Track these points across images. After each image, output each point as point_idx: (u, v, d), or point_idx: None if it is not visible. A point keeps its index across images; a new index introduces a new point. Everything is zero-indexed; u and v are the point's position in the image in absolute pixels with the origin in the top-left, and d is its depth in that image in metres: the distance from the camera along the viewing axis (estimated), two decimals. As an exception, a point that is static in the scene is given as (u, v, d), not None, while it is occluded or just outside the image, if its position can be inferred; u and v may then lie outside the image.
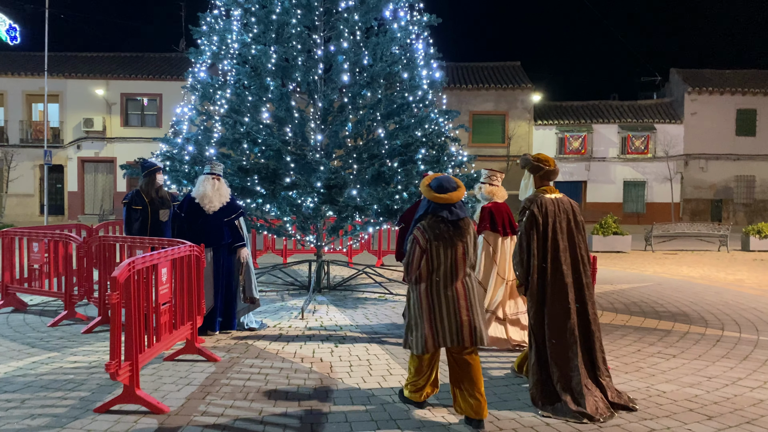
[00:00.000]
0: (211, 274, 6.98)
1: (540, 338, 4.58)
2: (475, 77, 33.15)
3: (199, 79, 8.82)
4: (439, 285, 4.14)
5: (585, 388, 4.40)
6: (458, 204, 4.20)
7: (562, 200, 4.71)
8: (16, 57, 32.11)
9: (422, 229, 4.16)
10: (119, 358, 4.17)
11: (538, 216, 4.58)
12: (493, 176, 6.68)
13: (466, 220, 4.22)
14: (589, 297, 4.62)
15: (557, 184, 27.61)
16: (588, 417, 4.27)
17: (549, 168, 4.77)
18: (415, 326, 4.23)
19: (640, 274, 12.49)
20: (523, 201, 4.73)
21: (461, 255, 4.16)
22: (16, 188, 30.02)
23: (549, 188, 4.77)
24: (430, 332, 4.13)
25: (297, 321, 7.55)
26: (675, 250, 18.04)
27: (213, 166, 7.12)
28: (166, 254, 5.15)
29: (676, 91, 33.26)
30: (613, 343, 6.57)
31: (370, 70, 8.49)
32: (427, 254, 4.14)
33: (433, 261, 4.14)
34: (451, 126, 9.47)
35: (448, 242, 4.12)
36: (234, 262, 7.17)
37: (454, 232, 4.14)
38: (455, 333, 4.10)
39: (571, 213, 4.69)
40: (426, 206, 4.24)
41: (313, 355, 6.01)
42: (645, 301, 9.16)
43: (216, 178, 7.02)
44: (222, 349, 6.18)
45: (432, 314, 4.14)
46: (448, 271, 4.14)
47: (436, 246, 4.12)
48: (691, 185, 32.01)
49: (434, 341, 4.13)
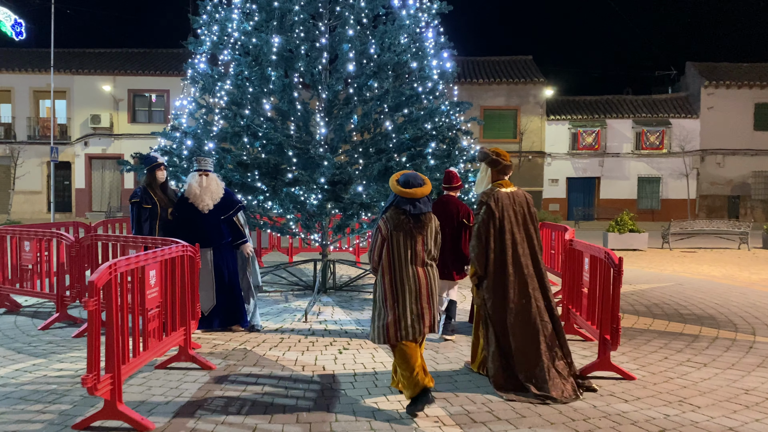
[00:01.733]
0: (212, 274, 6.64)
1: (500, 328, 4.77)
2: (487, 72, 32.61)
3: (199, 71, 8.44)
4: (402, 275, 4.38)
5: (548, 374, 4.64)
6: (423, 199, 4.43)
7: (517, 193, 4.92)
8: (24, 53, 31.93)
9: (385, 219, 4.43)
10: (98, 371, 3.78)
11: (495, 210, 4.79)
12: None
13: (428, 215, 4.47)
14: (547, 285, 4.89)
15: (571, 179, 26.99)
16: (551, 399, 4.51)
17: (506, 163, 5.01)
18: (379, 316, 4.45)
19: (660, 273, 11.99)
20: (480, 195, 4.90)
21: (421, 247, 4.42)
22: (24, 185, 29.85)
23: (505, 182, 4.98)
24: (393, 321, 4.35)
25: (300, 324, 7.16)
26: (693, 248, 17.48)
27: (199, 161, 6.76)
28: (154, 255, 4.76)
29: (692, 85, 32.55)
30: (637, 349, 6.12)
31: (377, 59, 8.05)
32: (388, 243, 4.40)
33: (394, 251, 4.39)
34: (463, 119, 9.03)
35: (408, 234, 4.38)
36: (237, 260, 6.83)
37: (414, 225, 4.39)
38: (417, 322, 4.35)
39: (525, 206, 4.93)
40: (392, 200, 4.49)
41: (315, 362, 5.60)
42: (667, 303, 8.69)
43: (203, 174, 6.66)
44: (218, 356, 5.79)
45: (396, 303, 4.37)
46: (409, 262, 4.39)
47: (396, 236, 4.38)
48: (708, 181, 31.32)
49: (396, 332, 4.34)
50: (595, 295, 5.55)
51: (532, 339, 4.73)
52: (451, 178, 6.71)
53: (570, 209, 31.67)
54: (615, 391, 4.85)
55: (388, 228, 4.39)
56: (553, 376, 4.66)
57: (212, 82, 7.87)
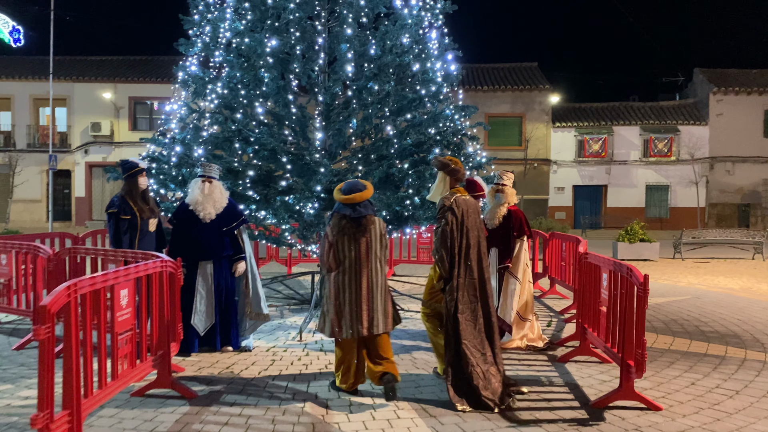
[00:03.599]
0: (213, 290, 6.18)
1: (458, 333, 4.77)
2: (491, 78, 32.16)
3: (189, 73, 7.99)
4: (345, 276, 4.68)
5: (493, 377, 4.73)
6: (363, 203, 4.72)
7: (470, 200, 5.07)
8: (24, 61, 31.65)
9: (330, 225, 4.76)
10: (51, 409, 3.28)
11: (458, 214, 4.88)
12: (505, 176, 6.87)
13: (369, 218, 4.74)
14: (490, 290, 5.00)
15: (578, 187, 26.44)
16: (496, 403, 4.59)
17: (462, 171, 5.18)
18: (327, 312, 4.78)
19: (674, 285, 11.45)
20: (442, 200, 4.99)
21: (365, 250, 4.70)
22: (23, 194, 29.46)
23: (461, 190, 5.10)
24: (336, 319, 4.68)
25: (294, 343, 6.66)
26: (706, 258, 16.92)
27: (204, 167, 6.31)
28: (126, 273, 4.28)
29: (700, 92, 32.01)
30: (659, 373, 5.60)
31: (377, 61, 7.57)
32: (334, 248, 4.71)
33: (340, 254, 4.71)
34: (468, 124, 8.54)
35: (351, 237, 4.69)
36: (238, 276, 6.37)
37: (356, 229, 4.69)
38: (355, 322, 4.64)
39: (477, 213, 5.09)
40: (335, 207, 4.83)
41: (307, 389, 5.10)
42: (686, 319, 8.16)
43: (207, 181, 6.21)
44: (202, 381, 5.29)
45: (338, 303, 4.69)
46: (353, 264, 4.69)
47: (341, 240, 4.69)
48: (717, 189, 30.72)
49: (340, 329, 4.67)
50: (615, 315, 5.04)
51: (484, 343, 4.85)
52: (473, 186, 6.28)
53: (576, 217, 31.10)
54: (641, 424, 4.33)
55: (334, 233, 4.70)
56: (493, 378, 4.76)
57: (202, 85, 7.40)
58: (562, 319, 8.18)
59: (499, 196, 6.77)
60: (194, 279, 6.17)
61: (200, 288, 6.18)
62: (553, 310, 8.78)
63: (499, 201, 6.75)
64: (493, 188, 6.84)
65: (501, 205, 6.74)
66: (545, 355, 6.29)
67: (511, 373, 5.61)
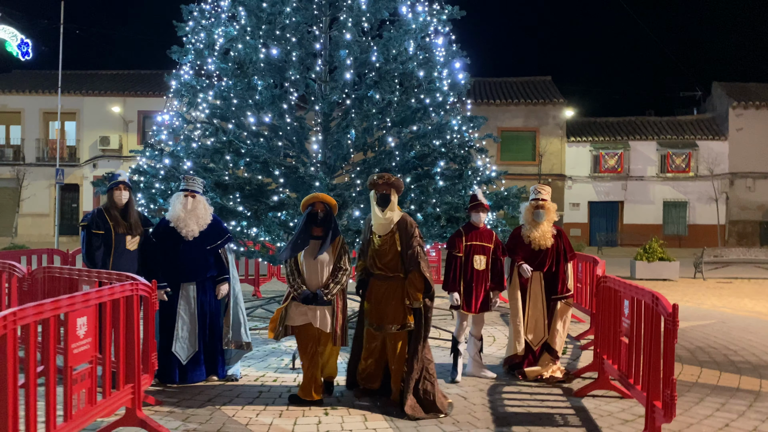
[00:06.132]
0: (196, 314, 5.67)
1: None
2: (504, 92, 31.67)
3: (182, 82, 7.58)
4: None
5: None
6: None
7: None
8: (34, 75, 31.72)
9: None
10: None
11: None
12: (543, 189, 6.16)
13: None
14: None
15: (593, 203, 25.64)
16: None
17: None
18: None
19: (698, 308, 10.79)
20: (409, 219, 5.21)
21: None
22: (32, 208, 29.33)
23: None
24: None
25: (286, 372, 6.14)
26: (729, 277, 16.18)
27: (187, 181, 5.83)
28: (86, 298, 3.80)
29: (719, 106, 31.27)
30: (688, 411, 5.01)
31: (379, 69, 7.10)
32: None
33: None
34: (477, 136, 8.03)
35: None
36: (222, 299, 5.87)
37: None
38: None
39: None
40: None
41: (293, 428, 4.57)
42: (713, 347, 7.53)
43: (190, 195, 5.73)
44: (178, 416, 4.78)
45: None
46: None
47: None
48: (738, 206, 29.86)
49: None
50: (639, 348, 4.48)
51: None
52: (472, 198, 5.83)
53: (592, 234, 30.36)
54: (671, 478, 3.75)
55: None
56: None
57: (193, 94, 6.97)
58: (579, 345, 7.60)
59: (540, 213, 5.97)
60: (176, 302, 5.68)
61: (182, 312, 5.68)
62: (568, 335, 8.17)
63: (540, 219, 5.97)
64: (532, 204, 6.05)
65: (543, 223, 5.97)
66: (560, 388, 5.72)
67: (522, 409, 5.07)
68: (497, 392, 5.56)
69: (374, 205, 5.19)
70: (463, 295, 5.84)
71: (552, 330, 5.94)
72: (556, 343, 5.93)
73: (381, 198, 5.14)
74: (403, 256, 5.07)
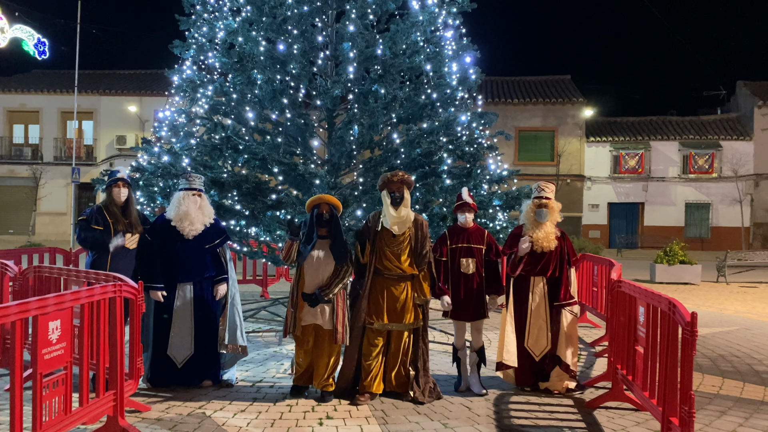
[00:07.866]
0: (192, 316, 5.46)
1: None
2: (522, 91, 31.20)
3: (184, 78, 7.38)
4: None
5: None
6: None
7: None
8: (53, 74, 31.96)
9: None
10: None
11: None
12: (547, 187, 5.68)
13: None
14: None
15: (613, 204, 25.11)
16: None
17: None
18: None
19: (720, 314, 10.36)
20: (420, 217, 5.30)
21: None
22: (49, 206, 29.54)
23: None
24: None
25: (284, 377, 5.89)
26: (753, 282, 15.64)
27: (191, 179, 5.63)
28: (59, 300, 3.58)
29: (743, 105, 30.50)
30: (709, 426, 4.67)
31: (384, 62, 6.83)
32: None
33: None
34: (488, 133, 7.72)
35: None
36: (219, 300, 5.65)
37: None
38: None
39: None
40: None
41: (282, 440, 4.32)
42: (736, 355, 7.15)
43: (197, 195, 5.56)
44: (166, 424, 4.55)
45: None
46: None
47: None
48: (763, 208, 29.06)
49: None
50: (655, 358, 4.15)
51: None
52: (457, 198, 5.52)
53: (612, 236, 29.77)
54: (688, 503, 3.43)
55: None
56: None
57: (193, 89, 6.76)
58: (593, 352, 7.26)
59: (544, 212, 5.49)
60: (171, 303, 5.47)
61: (178, 313, 5.47)
62: (582, 341, 7.84)
63: (543, 219, 5.50)
64: (534, 203, 5.56)
65: (546, 224, 5.51)
66: (570, 398, 5.40)
67: (529, 421, 4.77)
68: (504, 402, 5.26)
69: (388, 204, 5.12)
70: (452, 302, 5.41)
71: (559, 343, 5.49)
72: (567, 357, 5.42)
73: (397, 196, 5.13)
74: (415, 254, 5.16)
